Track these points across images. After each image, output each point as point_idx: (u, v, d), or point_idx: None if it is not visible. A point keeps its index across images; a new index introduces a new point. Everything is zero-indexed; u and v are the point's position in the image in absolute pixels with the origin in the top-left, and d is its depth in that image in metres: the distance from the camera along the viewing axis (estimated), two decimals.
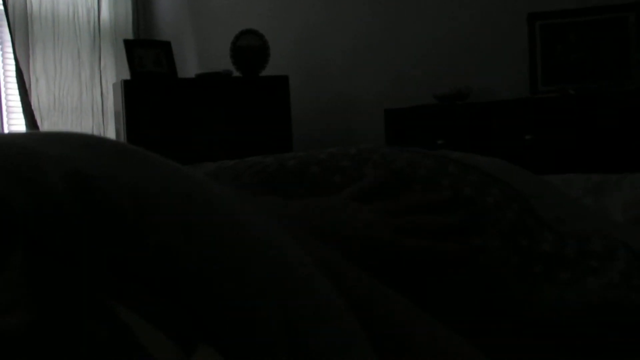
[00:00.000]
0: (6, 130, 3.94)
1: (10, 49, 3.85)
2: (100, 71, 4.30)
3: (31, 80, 3.90)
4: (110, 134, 4.25)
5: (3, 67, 3.95)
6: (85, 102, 4.22)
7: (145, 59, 3.98)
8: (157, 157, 0.50)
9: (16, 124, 3.96)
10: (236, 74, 4.12)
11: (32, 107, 3.85)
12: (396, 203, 0.79)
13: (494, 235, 0.75)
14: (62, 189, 0.40)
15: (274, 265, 0.47)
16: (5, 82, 3.95)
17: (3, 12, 3.80)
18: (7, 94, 3.95)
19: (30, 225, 0.38)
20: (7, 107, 3.96)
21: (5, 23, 3.82)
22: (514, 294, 0.71)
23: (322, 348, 0.45)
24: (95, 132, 4.24)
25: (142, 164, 0.48)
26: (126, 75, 4.01)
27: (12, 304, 0.35)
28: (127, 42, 4.02)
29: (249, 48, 4.15)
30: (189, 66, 4.51)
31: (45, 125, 3.96)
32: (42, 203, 0.39)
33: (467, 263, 0.74)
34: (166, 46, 4.11)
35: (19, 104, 3.83)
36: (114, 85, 4.15)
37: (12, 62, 3.83)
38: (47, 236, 0.38)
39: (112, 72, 4.37)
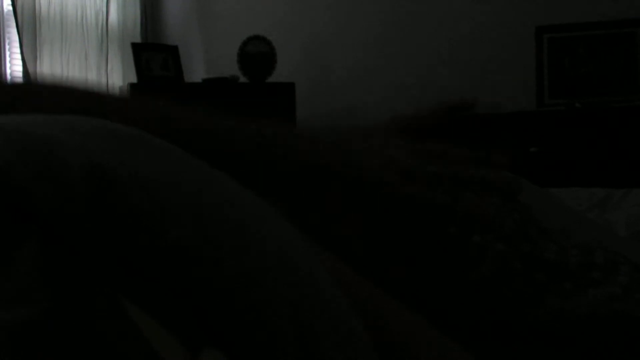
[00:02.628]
0: None
1: (18, 50, 3.86)
2: (107, 74, 4.30)
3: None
4: None
5: (10, 68, 3.96)
6: None
7: (153, 62, 3.98)
8: (180, 151, 0.49)
9: None
10: (243, 79, 4.13)
11: None
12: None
13: (496, 238, 0.75)
14: (81, 181, 0.39)
15: (286, 266, 0.47)
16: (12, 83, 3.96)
17: (11, 13, 3.81)
18: None
19: (47, 216, 0.38)
20: None
21: (13, 24, 3.83)
22: (517, 297, 0.71)
23: (331, 349, 0.45)
24: None
25: (164, 158, 0.47)
26: (133, 78, 4.02)
27: (24, 294, 0.35)
28: (134, 46, 4.03)
29: (256, 54, 4.15)
30: (195, 71, 4.51)
31: None
32: (60, 195, 0.38)
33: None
34: (173, 50, 4.12)
35: None
36: (121, 88, 4.16)
37: (20, 62, 3.84)
38: (63, 228, 0.38)
39: (119, 75, 4.37)
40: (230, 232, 0.45)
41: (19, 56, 3.85)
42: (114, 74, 4.35)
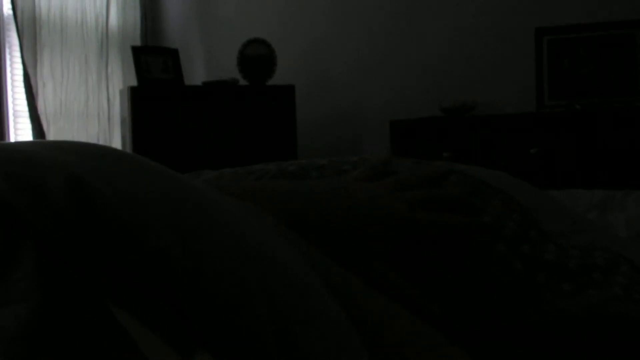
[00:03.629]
0: (12, 134, 3.95)
1: (18, 53, 3.86)
2: (107, 77, 4.31)
3: (38, 85, 3.91)
4: (116, 140, 4.26)
5: (11, 72, 3.96)
6: (92, 108, 4.23)
7: (153, 65, 3.99)
8: (157, 165, 0.51)
9: (22, 128, 3.96)
10: (243, 82, 4.13)
11: (39, 112, 3.86)
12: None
13: (497, 239, 0.75)
14: (62, 194, 0.41)
15: (267, 271, 0.47)
16: (13, 87, 3.96)
17: (12, 17, 3.82)
18: (14, 98, 3.96)
19: (32, 227, 0.39)
20: (14, 111, 3.97)
21: (13, 27, 3.84)
22: (516, 299, 0.71)
23: (315, 354, 0.45)
24: (101, 138, 4.25)
25: (141, 172, 0.48)
26: (133, 81, 4.02)
27: (23, 295, 0.35)
28: (134, 49, 4.03)
29: (256, 57, 4.15)
30: (196, 74, 4.52)
31: (52, 130, 3.97)
32: (43, 208, 0.40)
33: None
34: (174, 53, 4.12)
35: (26, 108, 3.84)
36: (121, 91, 4.16)
37: (20, 66, 3.84)
38: (48, 239, 0.39)
39: (119, 78, 4.38)
40: (211, 239, 0.46)
41: (19, 60, 3.85)
42: (114, 77, 4.35)
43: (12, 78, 3.96)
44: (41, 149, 0.46)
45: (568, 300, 0.70)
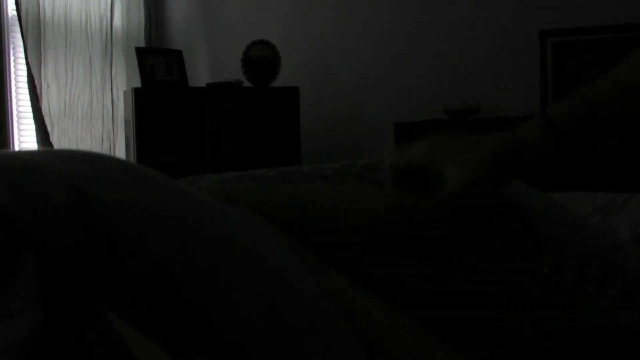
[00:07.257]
0: (16, 135, 3.95)
1: (22, 54, 3.86)
2: (112, 78, 4.31)
3: (42, 86, 3.91)
4: (120, 141, 4.26)
5: (15, 72, 3.96)
6: (96, 109, 4.23)
7: (157, 67, 3.99)
8: (158, 174, 0.51)
9: (26, 129, 3.97)
10: (247, 84, 4.13)
11: (43, 113, 3.86)
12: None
13: (489, 254, 0.75)
14: (63, 204, 0.41)
15: (266, 279, 0.47)
16: (17, 88, 3.97)
17: (16, 17, 3.82)
18: (18, 99, 3.97)
19: (33, 237, 0.39)
20: (18, 112, 3.97)
21: (17, 28, 3.84)
22: (507, 314, 0.71)
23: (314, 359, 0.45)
24: (105, 140, 4.25)
25: (142, 181, 0.48)
26: (137, 83, 4.03)
27: (24, 308, 0.35)
28: (138, 50, 4.03)
29: (260, 58, 4.16)
30: (200, 75, 4.52)
31: (55, 131, 3.97)
32: (43, 218, 0.40)
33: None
34: (178, 55, 4.12)
35: (30, 109, 3.84)
36: (125, 92, 4.16)
37: (24, 67, 3.84)
38: (49, 249, 0.39)
39: (123, 79, 4.38)
40: (211, 247, 0.46)
41: (23, 61, 3.85)
42: (118, 79, 4.36)
43: (16, 79, 3.96)
44: (42, 157, 0.46)
45: (558, 314, 0.70)
